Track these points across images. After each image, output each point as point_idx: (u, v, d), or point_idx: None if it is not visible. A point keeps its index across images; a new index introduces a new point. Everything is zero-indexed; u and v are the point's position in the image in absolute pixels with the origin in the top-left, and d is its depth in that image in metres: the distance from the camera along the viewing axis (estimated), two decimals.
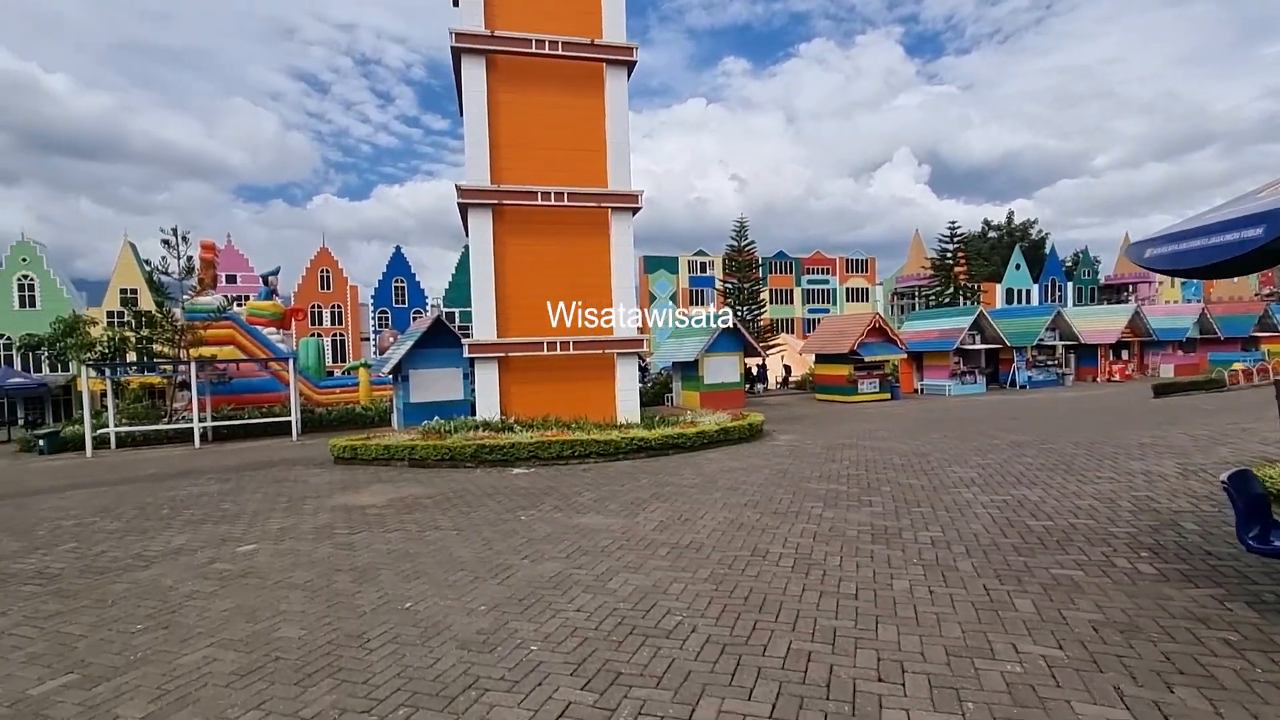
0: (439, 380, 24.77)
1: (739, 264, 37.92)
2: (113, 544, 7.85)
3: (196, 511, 9.55)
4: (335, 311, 44.92)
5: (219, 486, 11.88)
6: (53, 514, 9.89)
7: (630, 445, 12.76)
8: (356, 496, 10.21)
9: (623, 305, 15.98)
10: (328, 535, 7.84)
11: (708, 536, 7.07)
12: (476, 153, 15.20)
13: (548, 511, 8.59)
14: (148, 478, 14.35)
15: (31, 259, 37.62)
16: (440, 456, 12.65)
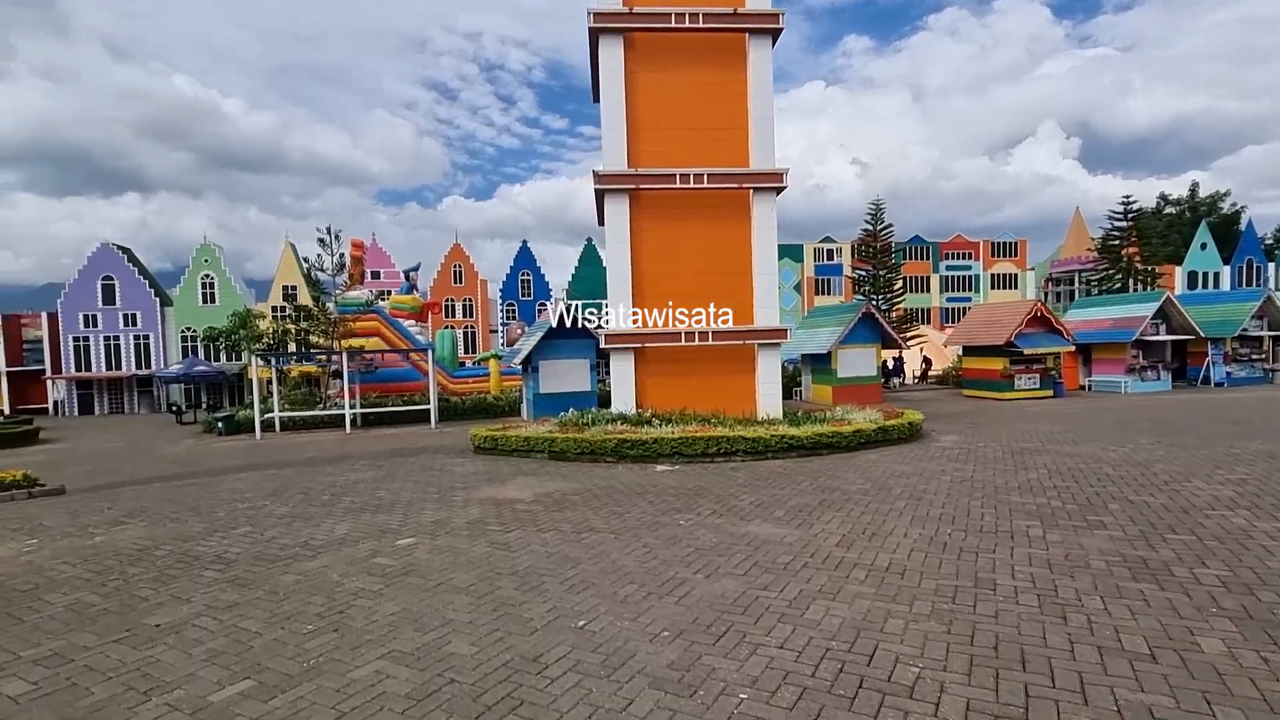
0: (567, 371, 24.86)
1: (874, 250, 35.43)
2: (281, 529, 7.98)
3: (355, 499, 9.67)
4: (467, 305, 46.96)
5: (373, 474, 12.16)
6: (230, 496, 10.41)
7: (780, 443, 11.77)
8: (503, 490, 9.98)
9: (765, 292, 14.95)
10: (482, 532, 7.52)
11: (908, 557, 6.01)
12: (613, 136, 14.71)
13: (707, 516, 7.84)
14: (306, 461, 15.16)
15: (212, 260, 42.16)
16: (580, 450, 12.28)
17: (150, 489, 11.59)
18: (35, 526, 8.66)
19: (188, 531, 8.05)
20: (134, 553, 7.19)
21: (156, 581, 6.16)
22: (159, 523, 8.61)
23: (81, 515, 9.31)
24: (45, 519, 9.18)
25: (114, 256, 40.95)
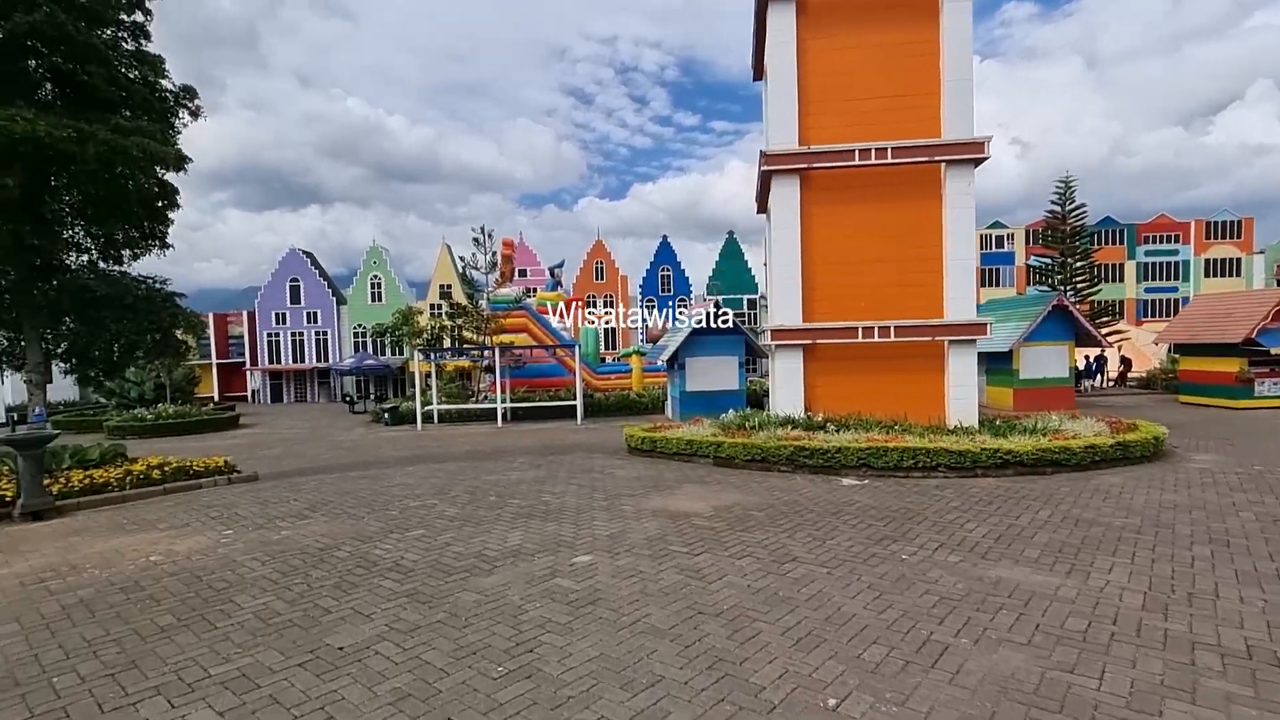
0: (714, 369, 23.82)
1: (1063, 234, 31.05)
2: (453, 533, 7.58)
3: (521, 502, 9.21)
4: (607, 301, 47.34)
5: (533, 473, 11.79)
6: (401, 492, 10.38)
7: (991, 458, 9.95)
8: (673, 499, 9.09)
9: (959, 281, 12.98)
10: (665, 552, 6.63)
11: (1269, 635, 4.32)
12: (782, 112, 13.40)
13: (933, 550, 6.43)
14: (465, 455, 15.27)
15: (379, 262, 45.69)
16: (750, 457, 11.16)
17: (329, 480, 11.95)
18: (232, 516, 8.95)
19: (365, 530, 7.88)
20: (316, 552, 7.04)
21: (338, 590, 5.83)
22: (338, 518, 8.58)
23: (270, 505, 9.58)
24: (240, 507, 9.53)
25: (300, 260, 45.52)
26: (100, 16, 11.30)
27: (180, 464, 11.40)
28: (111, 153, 10.61)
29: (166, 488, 10.75)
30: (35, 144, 9.83)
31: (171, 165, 11.65)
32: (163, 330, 12.84)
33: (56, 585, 6.21)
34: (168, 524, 8.57)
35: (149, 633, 5.01)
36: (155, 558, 7.05)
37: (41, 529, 8.57)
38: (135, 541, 7.75)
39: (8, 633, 5.12)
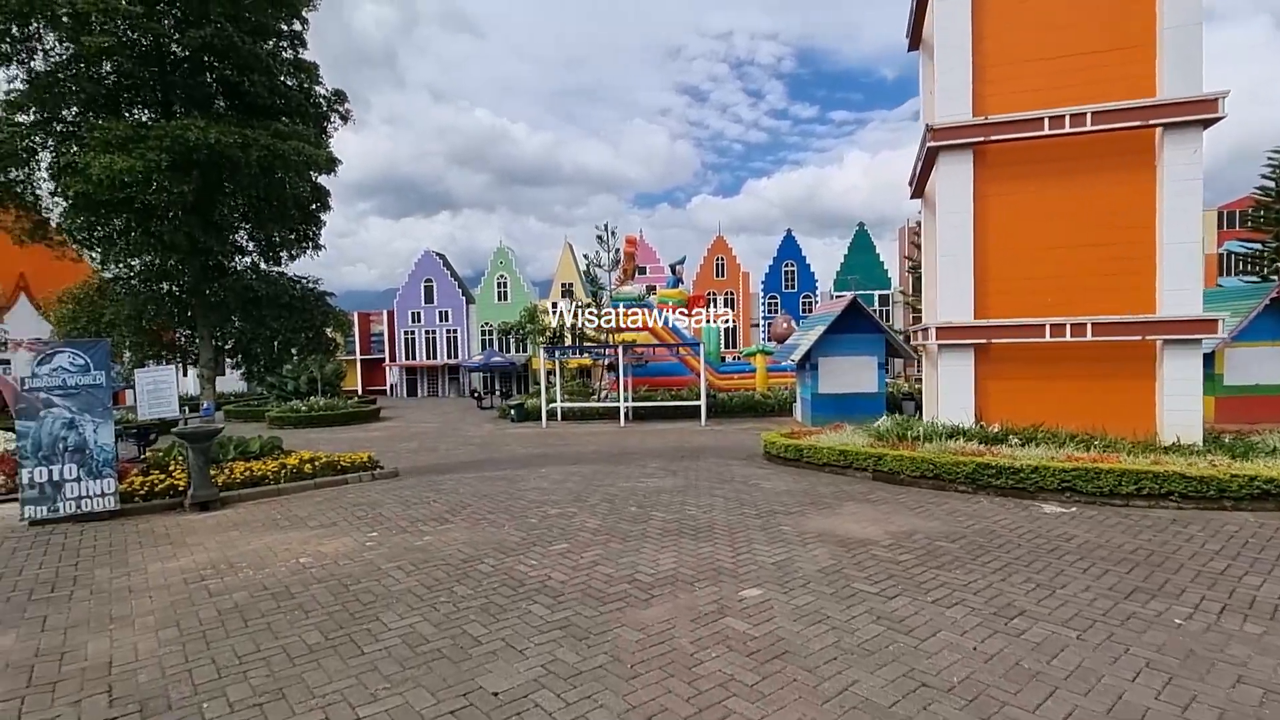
0: (851, 370, 22.11)
1: (1276, 214, 26.26)
2: (599, 550, 6.92)
3: (665, 515, 8.45)
4: (729, 298, 46.17)
5: (670, 481, 11.03)
6: (537, 497, 9.96)
7: (1247, 487, 7.98)
8: (838, 521, 7.97)
9: (1180, 269, 10.80)
10: (850, 591, 5.58)
11: None
12: (952, 79, 11.77)
13: (1217, 615, 4.94)
14: (594, 456, 14.82)
15: (505, 262, 47.24)
16: (919, 472, 9.77)
17: (466, 479, 11.82)
18: (377, 516, 8.85)
19: (506, 541, 7.41)
20: (459, 564, 6.62)
21: (485, 613, 5.28)
22: (478, 525, 8.21)
23: (412, 506, 9.44)
24: (384, 507, 9.46)
25: (434, 262, 47.99)
26: (264, 28, 11.78)
27: (329, 459, 11.68)
28: (272, 157, 10.99)
29: (318, 482, 11.00)
30: (208, 150, 10.30)
31: (324, 168, 11.97)
32: (315, 328, 13.34)
33: (215, 586, 6.15)
34: (317, 522, 8.58)
35: (297, 652, 4.66)
36: (304, 559, 6.92)
37: (207, 520, 8.86)
38: (287, 540, 7.73)
39: (169, 639, 4.96)
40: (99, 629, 5.19)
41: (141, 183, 9.99)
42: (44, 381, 8.62)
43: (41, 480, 8.54)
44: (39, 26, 10.39)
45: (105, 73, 11.00)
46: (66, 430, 8.67)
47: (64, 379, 8.70)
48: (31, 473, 8.51)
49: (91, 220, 10.60)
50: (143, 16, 10.21)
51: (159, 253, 11.02)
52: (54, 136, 10.79)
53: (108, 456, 8.87)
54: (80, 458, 8.72)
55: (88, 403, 8.81)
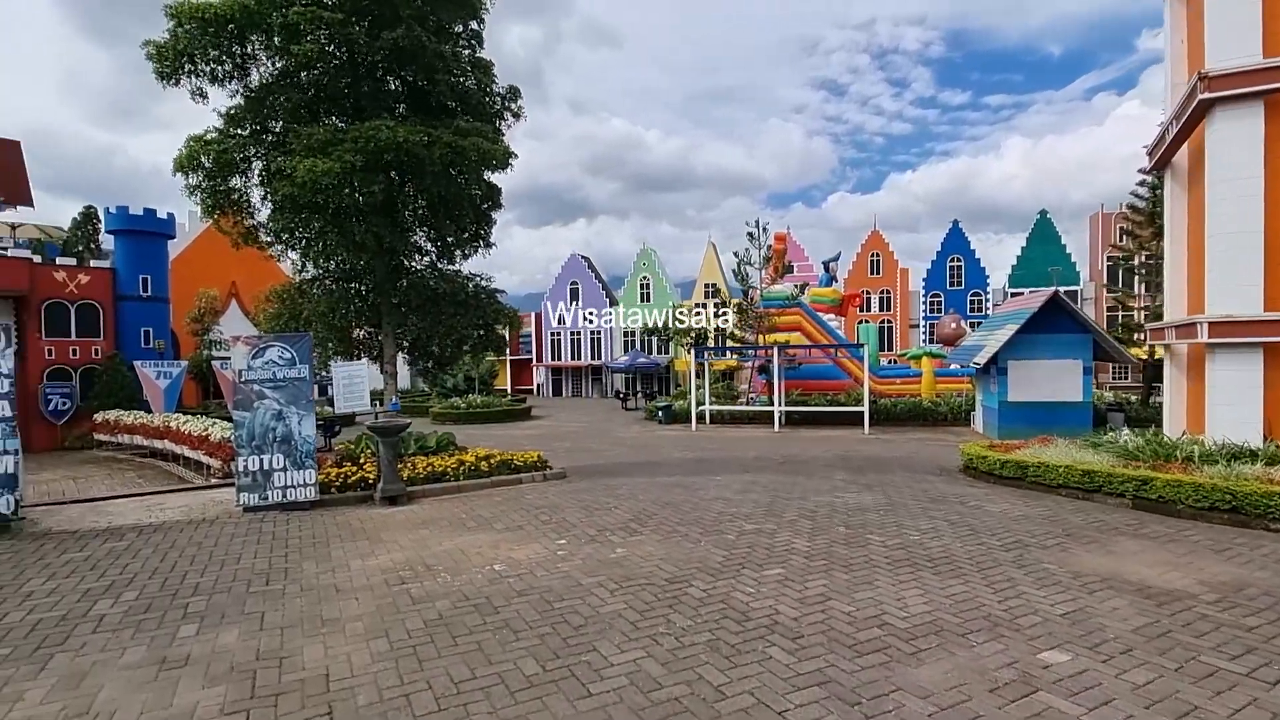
0: (1049, 376, 19.29)
1: None
2: (823, 580, 5.89)
3: (885, 540, 7.23)
4: (884, 297, 43.07)
5: (870, 497, 9.73)
6: (723, 508, 9.09)
7: None
8: (1115, 560, 6.35)
9: None
10: (1199, 666, 4.13)
11: None
12: (1235, 12, 9.48)
13: None
14: (762, 463, 13.74)
15: (649, 264, 47.32)
16: (1208, 503, 7.77)
17: (640, 484, 11.22)
18: (560, 522, 8.39)
19: (709, 561, 6.58)
20: (665, 585, 5.86)
21: (715, 652, 4.45)
22: (670, 538, 7.46)
23: (594, 512, 8.92)
24: (565, 511, 9.01)
25: (579, 265, 49.13)
26: (445, 29, 11.95)
27: (503, 457, 11.57)
28: (453, 154, 11.04)
29: (494, 480, 10.87)
30: (396, 150, 10.49)
31: (500, 163, 11.93)
32: (487, 325, 13.43)
33: (416, 591, 5.82)
34: (502, 524, 8.26)
35: (516, 684, 4.07)
36: (499, 566, 6.50)
37: (396, 515, 8.87)
38: (476, 542, 7.41)
39: (381, 652, 4.59)
40: (312, 632, 4.96)
41: (338, 184, 10.34)
42: (257, 374, 9.04)
43: (254, 469, 8.95)
44: (255, 44, 11.10)
45: (306, 82, 11.61)
46: (275, 421, 9.03)
47: (273, 372, 9.08)
48: (246, 461, 8.94)
49: (294, 223, 11.18)
50: (341, 24, 10.59)
51: (351, 253, 11.45)
52: (264, 146, 11.52)
53: (310, 448, 9.15)
54: (287, 448, 9.05)
55: (293, 395, 9.14)
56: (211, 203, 11.36)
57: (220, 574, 6.36)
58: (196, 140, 10.86)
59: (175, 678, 4.24)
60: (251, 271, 46.40)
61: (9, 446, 7.69)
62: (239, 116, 11.40)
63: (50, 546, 7.24)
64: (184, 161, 10.76)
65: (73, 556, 6.90)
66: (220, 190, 11.40)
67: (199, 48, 10.60)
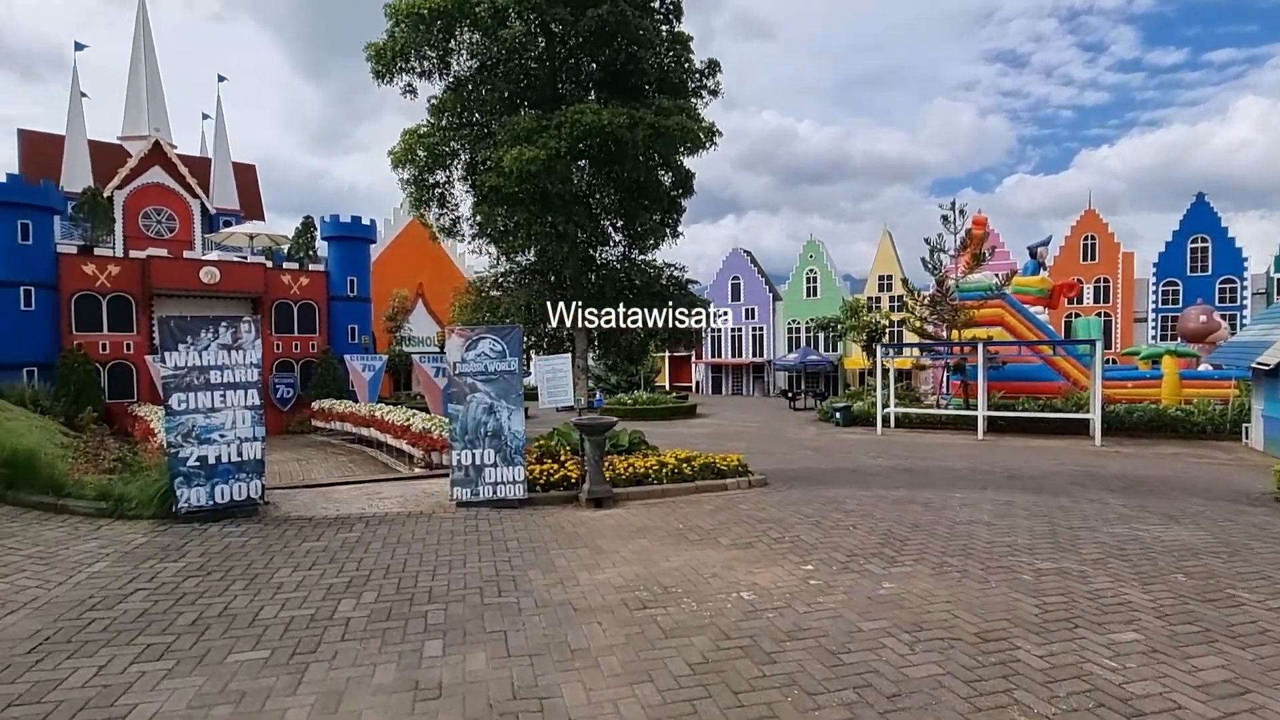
0: None
1: None
2: (1195, 644, 4.27)
3: (1263, 599, 5.34)
4: (1102, 286, 37.20)
5: (1183, 531, 7.60)
6: (990, 535, 7.49)
7: None
8: None
9: None
10: None
11: None
12: None
13: None
14: (981, 475, 11.69)
15: (816, 256, 44.87)
16: None
17: (858, 496, 9.84)
18: (793, 540, 7.29)
19: (1019, 611, 5.14)
20: (978, 641, 4.55)
21: None
22: (944, 572, 6.09)
23: (828, 531, 7.71)
24: (792, 526, 7.88)
25: (741, 259, 47.79)
26: (647, 3, 11.30)
27: (706, 459, 10.70)
28: (655, 135, 10.35)
29: (698, 485, 10.03)
30: (600, 134, 9.98)
31: (702, 143, 11.08)
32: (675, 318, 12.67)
33: (664, 620, 5.00)
34: (728, 539, 7.32)
35: None
36: (746, 594, 5.53)
37: (606, 520, 8.25)
38: (707, 561, 6.52)
39: (651, 702, 3.77)
40: (564, 664, 4.27)
41: (545, 171, 10.00)
42: (470, 367, 8.87)
43: (467, 464, 8.78)
44: (461, 36, 11.12)
45: (506, 72, 11.49)
46: (486, 415, 8.80)
47: (485, 365, 8.86)
48: (459, 455, 8.79)
49: (497, 215, 11.08)
50: (548, 4, 10.25)
51: (552, 242, 11.15)
52: (468, 139, 11.53)
53: (519, 444, 8.84)
54: (497, 443, 8.79)
55: (504, 389, 8.87)
56: (418, 197, 11.58)
57: (450, 578, 5.99)
58: (410, 133, 11.07)
59: (433, 711, 3.69)
60: (435, 273, 50.17)
61: (257, 434, 8.04)
62: (443, 108, 11.50)
63: (291, 534, 7.39)
64: (399, 156, 11.00)
65: (311, 546, 6.93)
66: (426, 184, 11.59)
67: (413, 44, 10.78)
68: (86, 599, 5.29)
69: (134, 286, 24.38)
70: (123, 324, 24.39)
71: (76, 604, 5.19)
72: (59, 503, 7.55)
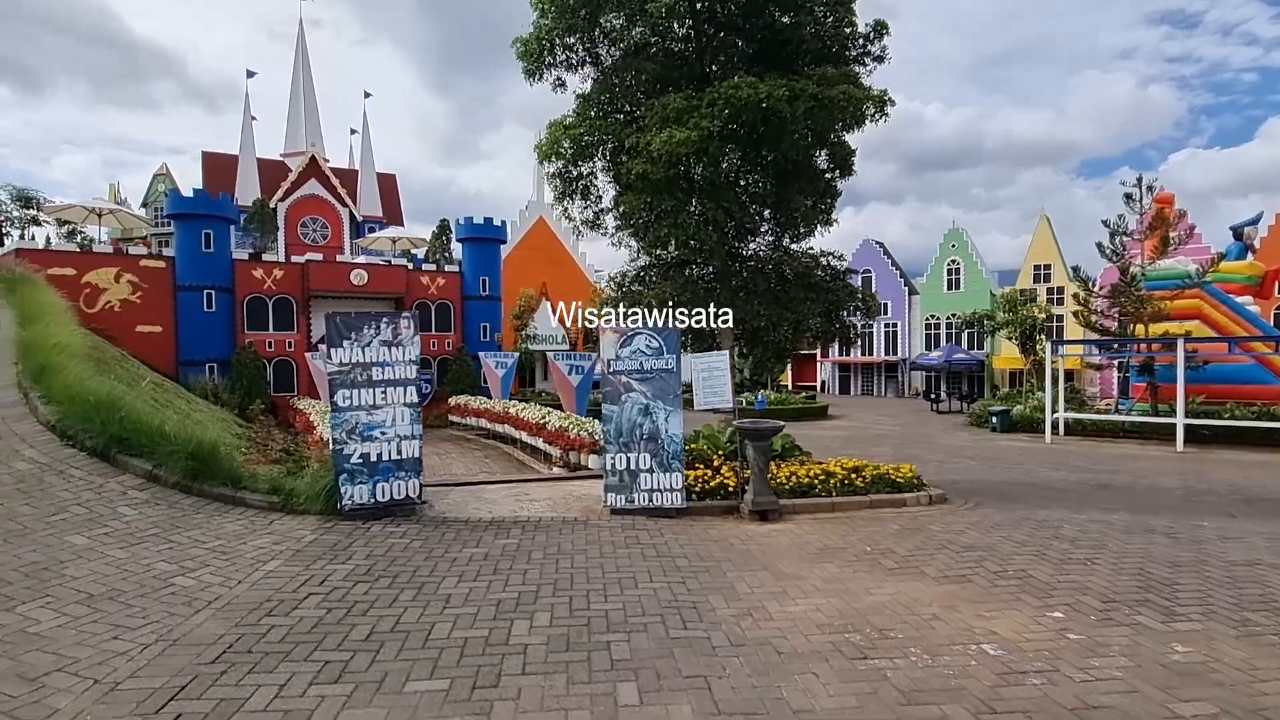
0: None
1: None
2: None
3: None
4: None
5: None
6: (1275, 578, 5.90)
7: None
8: None
9: None
10: None
11: None
12: None
13: None
14: (1205, 500, 9.61)
15: (959, 245, 41.31)
16: None
17: (1076, 521, 8.32)
18: (1020, 574, 6.06)
19: None
20: None
21: None
22: (1250, 632, 4.69)
23: (1061, 564, 6.39)
24: (1010, 558, 6.62)
25: (873, 251, 45.01)
26: None
27: (878, 470, 9.52)
28: (818, 107, 9.32)
29: (873, 500, 8.90)
30: (756, 110, 9.11)
31: (874, 112, 9.91)
32: (833, 311, 11.53)
33: (895, 676, 4.06)
34: (934, 569, 6.22)
35: None
36: (988, 647, 4.47)
37: (779, 538, 7.37)
38: (917, 595, 5.48)
39: None
40: None
41: (695, 154, 9.26)
42: (624, 365, 8.30)
43: (621, 468, 8.22)
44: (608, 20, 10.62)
45: (654, 53, 10.87)
46: (642, 417, 8.20)
47: (640, 362, 8.26)
48: (614, 459, 8.24)
49: (643, 204, 10.48)
50: None
51: (701, 230, 10.40)
52: (614, 128, 11.00)
53: (677, 449, 8.16)
54: (653, 447, 8.16)
55: (661, 388, 8.23)
56: (563, 190, 11.23)
57: (625, 601, 5.36)
58: (556, 125, 10.73)
59: None
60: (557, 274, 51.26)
61: (415, 431, 7.88)
62: (590, 100, 11.07)
63: (451, 537, 7.12)
64: (545, 148, 10.68)
65: (473, 553, 6.58)
66: (570, 177, 11.21)
67: (559, 31, 10.41)
68: (264, 602, 5.14)
69: (295, 289, 26.30)
70: (285, 324, 26.35)
71: (255, 607, 5.03)
72: (236, 495, 7.74)
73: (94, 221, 26.25)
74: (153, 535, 6.52)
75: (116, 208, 27.17)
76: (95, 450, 8.05)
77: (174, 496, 7.61)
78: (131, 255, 24.07)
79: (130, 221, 27.57)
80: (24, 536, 6.12)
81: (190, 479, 7.73)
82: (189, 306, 23.82)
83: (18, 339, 12.04)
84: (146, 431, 7.94)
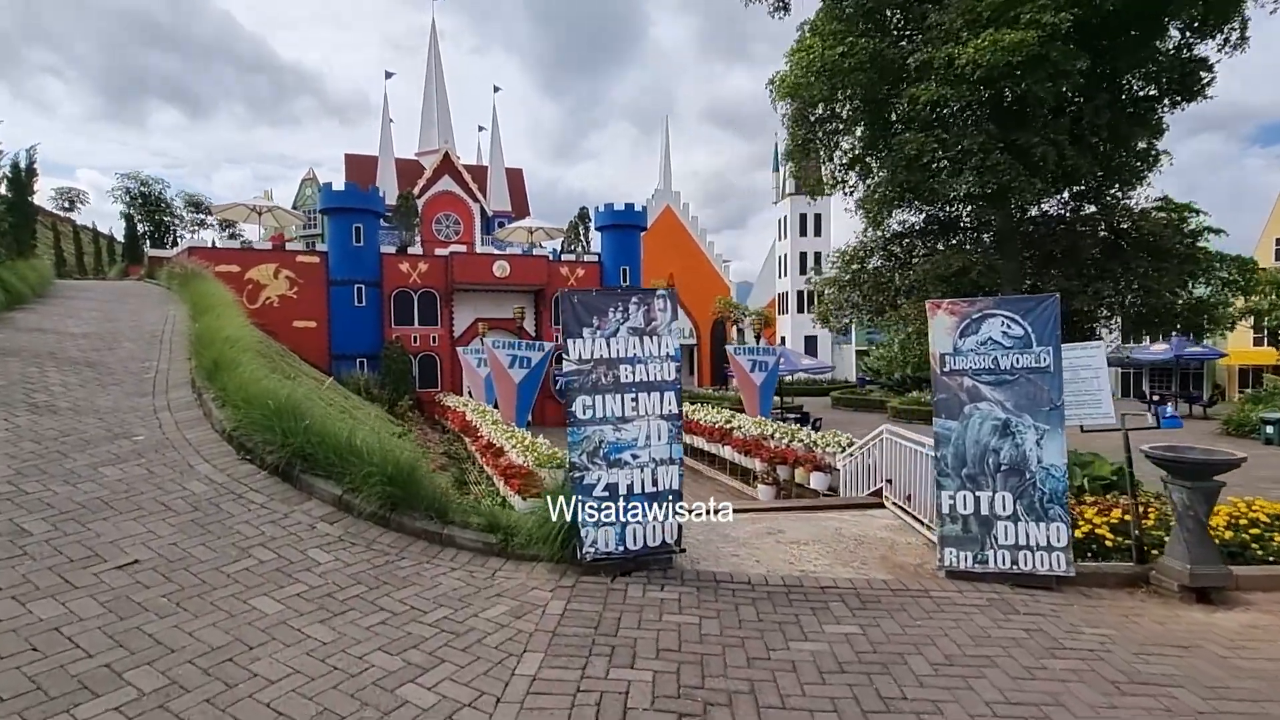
0: None
1: None
2: None
3: None
4: None
5: None
6: None
7: None
8: None
9: None
10: None
11: None
12: None
13: None
14: None
15: None
16: None
17: None
18: None
19: None
20: None
21: None
22: None
23: None
24: None
25: None
26: None
27: None
28: None
29: None
30: None
31: None
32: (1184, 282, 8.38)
33: None
34: None
35: None
36: None
37: (1256, 637, 4.58)
38: None
39: None
40: None
41: (1029, 64, 6.49)
42: (968, 361, 5.74)
43: (966, 511, 5.65)
44: None
45: None
46: (997, 439, 5.60)
47: (994, 358, 5.66)
48: (953, 498, 5.70)
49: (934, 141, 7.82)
50: None
51: (1013, 175, 7.61)
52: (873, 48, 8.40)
53: (1060, 487, 5.48)
54: (1018, 483, 5.54)
55: (1028, 397, 5.59)
56: (805, 137, 8.80)
57: None
58: (798, 50, 8.27)
59: None
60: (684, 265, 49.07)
61: (675, 453, 5.69)
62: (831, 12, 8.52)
63: (750, 615, 4.88)
64: (785, 82, 8.27)
65: (813, 652, 4.29)
66: (811, 121, 8.74)
67: None
68: None
69: (439, 282, 25.61)
70: (430, 318, 25.71)
71: None
72: (444, 532, 5.92)
73: (254, 220, 26.87)
74: (356, 598, 4.74)
75: (274, 205, 27.71)
76: (276, 468, 6.53)
77: (370, 532, 5.91)
78: (288, 250, 24.22)
79: (285, 219, 28.11)
80: (202, 598, 4.48)
81: (388, 509, 6.00)
82: (341, 301, 23.65)
83: (190, 333, 11.21)
84: (334, 446, 6.32)
